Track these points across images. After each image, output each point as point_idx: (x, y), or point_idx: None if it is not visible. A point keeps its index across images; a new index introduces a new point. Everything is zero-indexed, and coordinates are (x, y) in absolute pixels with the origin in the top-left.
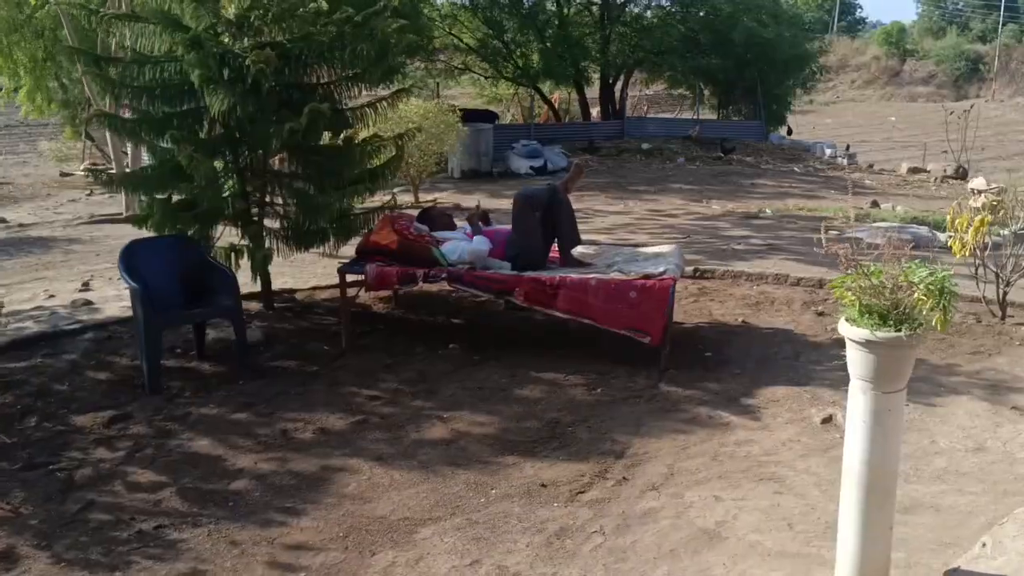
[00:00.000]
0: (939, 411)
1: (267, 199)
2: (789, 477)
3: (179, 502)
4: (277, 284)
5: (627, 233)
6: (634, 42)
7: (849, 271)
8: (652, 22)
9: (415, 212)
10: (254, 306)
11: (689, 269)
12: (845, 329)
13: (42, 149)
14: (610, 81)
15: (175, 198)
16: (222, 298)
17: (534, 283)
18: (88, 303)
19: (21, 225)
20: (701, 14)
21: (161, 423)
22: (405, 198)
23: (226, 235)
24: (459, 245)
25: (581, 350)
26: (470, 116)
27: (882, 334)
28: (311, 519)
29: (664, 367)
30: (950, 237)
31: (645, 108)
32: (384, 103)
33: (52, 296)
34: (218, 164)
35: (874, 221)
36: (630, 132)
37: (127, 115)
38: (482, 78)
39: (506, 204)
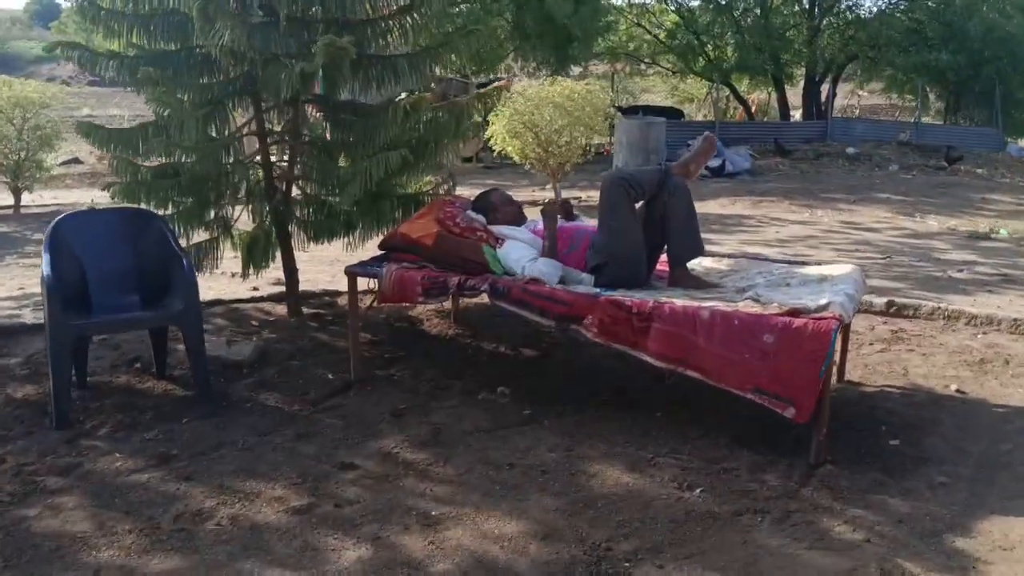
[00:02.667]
0: None
1: (289, 170)
2: None
3: None
4: (320, 283)
5: (805, 248)
6: (847, 35)
7: None
8: (870, 12)
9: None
10: (278, 311)
11: (880, 301)
12: None
13: None
14: (816, 79)
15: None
16: (173, 299)
17: (614, 309)
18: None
19: None
20: (930, 3)
21: (33, 475)
22: (545, 195)
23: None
24: (522, 249)
25: (687, 415)
26: (650, 113)
27: None
28: None
29: (816, 459)
30: None
31: (856, 114)
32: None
33: None
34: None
35: None
36: (835, 135)
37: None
38: (669, 73)
39: None
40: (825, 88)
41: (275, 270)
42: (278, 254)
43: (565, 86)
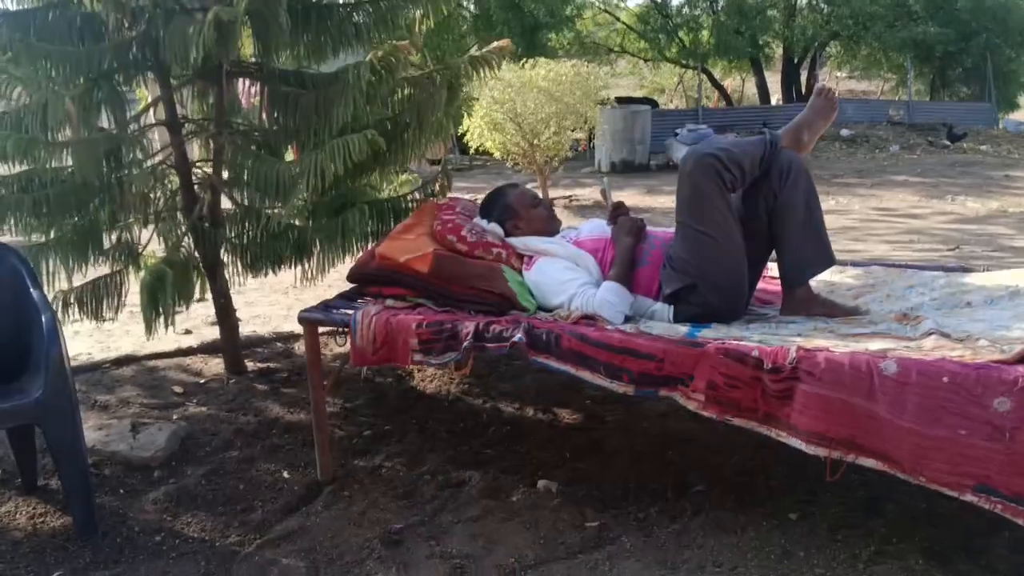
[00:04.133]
0: None
1: (215, 172)
2: None
3: None
4: (274, 320)
5: (850, 241)
6: (827, 11)
7: None
8: None
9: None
10: (212, 367)
11: None
12: None
13: None
14: (795, 60)
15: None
16: (32, 378)
17: (733, 363)
18: None
19: None
20: None
21: None
22: None
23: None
24: (564, 270)
25: (836, 512)
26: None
27: None
28: None
29: None
30: None
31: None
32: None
33: None
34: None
35: None
36: None
37: None
38: (641, 61)
39: (667, 204)
40: (804, 71)
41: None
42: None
43: (551, 68)
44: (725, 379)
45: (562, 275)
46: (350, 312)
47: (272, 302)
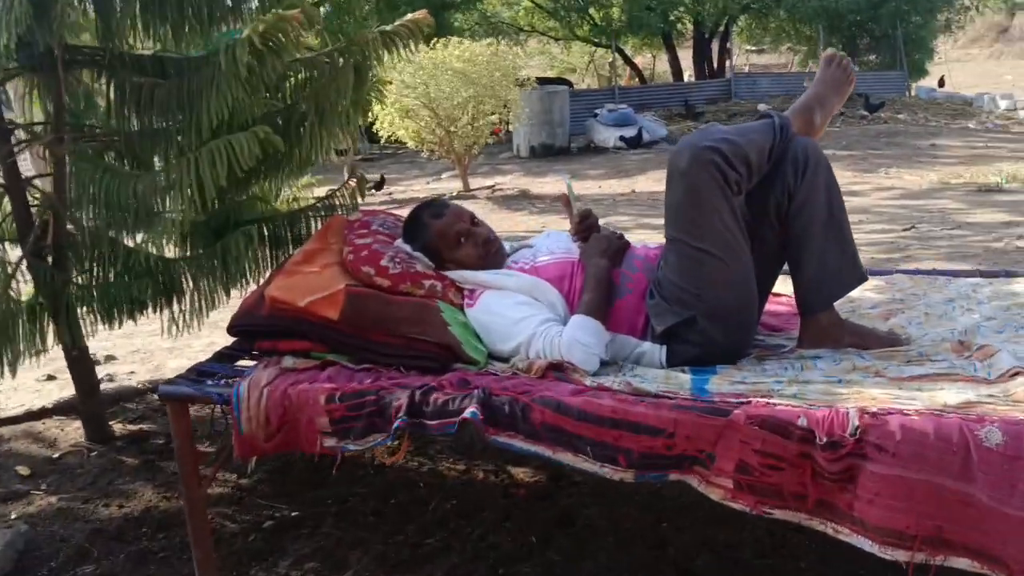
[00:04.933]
0: None
1: (56, 191)
2: None
3: None
4: (154, 362)
5: None
6: None
7: None
8: None
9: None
10: (70, 433)
11: None
12: None
13: None
14: (706, 36)
15: None
16: None
17: (766, 433)
18: None
19: None
20: None
21: None
22: (451, 185)
23: None
24: (517, 306)
25: None
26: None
27: None
28: None
29: None
30: None
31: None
32: None
33: None
34: None
35: None
36: (739, 92)
37: None
38: (550, 40)
39: (593, 190)
40: (715, 46)
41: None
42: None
43: (465, 47)
44: (761, 458)
45: (515, 312)
46: (232, 381)
47: (154, 330)
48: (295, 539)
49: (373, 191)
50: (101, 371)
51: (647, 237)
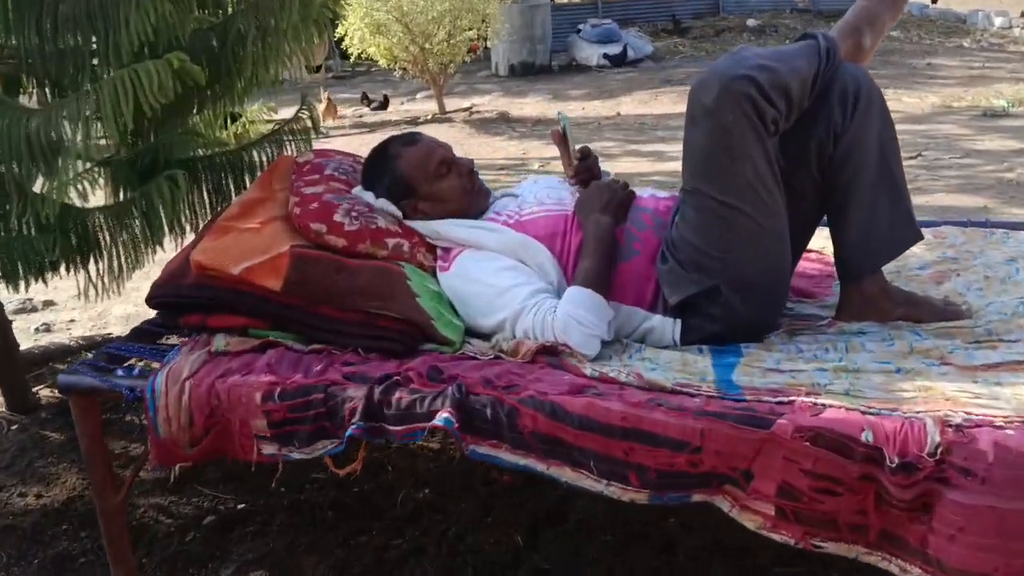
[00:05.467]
0: None
1: None
2: None
3: None
4: (94, 312)
5: None
6: None
7: None
8: None
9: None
10: None
11: None
12: None
13: None
14: None
15: None
16: None
17: (819, 450)
18: None
19: None
20: None
21: None
22: (426, 107)
23: None
24: (501, 270)
25: None
26: None
27: None
28: None
29: None
30: None
31: None
32: None
33: None
34: None
35: None
36: (727, 7)
37: None
38: None
39: (578, 113)
40: None
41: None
42: None
43: None
44: (813, 481)
45: (499, 279)
46: (151, 369)
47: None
48: (240, 539)
49: (376, 109)
50: (38, 319)
51: (635, 166)
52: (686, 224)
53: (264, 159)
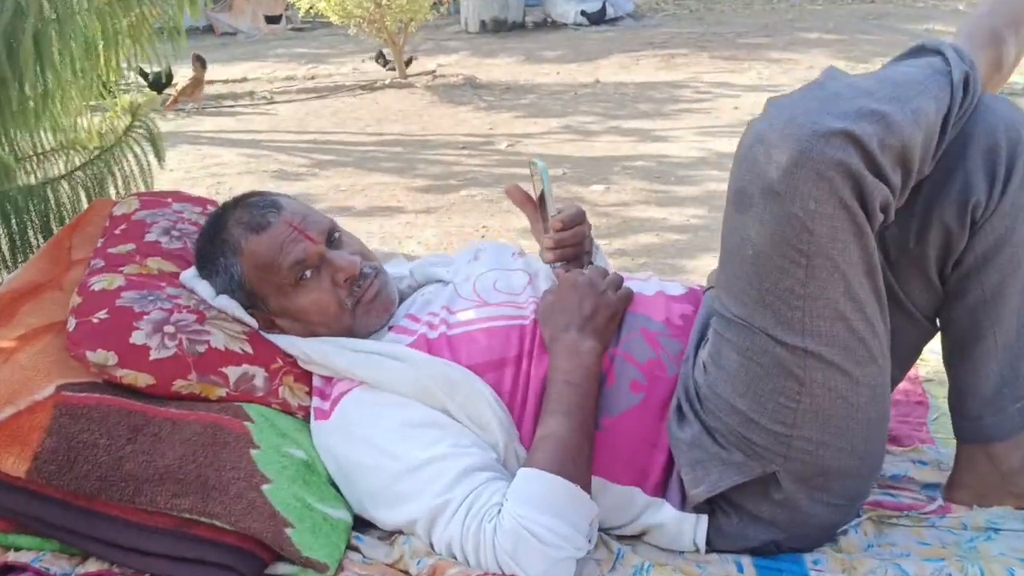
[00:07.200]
0: None
1: None
2: None
3: None
4: None
5: None
6: None
7: None
8: None
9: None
10: None
11: None
12: None
13: None
14: None
15: None
16: None
17: None
18: None
19: None
20: None
21: None
22: (376, 72)
23: None
24: (413, 430)
25: None
26: None
27: None
28: None
29: None
30: None
31: None
32: None
33: None
34: None
35: None
36: None
37: None
38: None
39: (552, 79)
40: None
41: None
42: None
43: None
44: None
45: (407, 446)
46: None
47: None
48: None
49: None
50: None
51: (616, 147)
52: (724, 373)
53: (90, 191)
